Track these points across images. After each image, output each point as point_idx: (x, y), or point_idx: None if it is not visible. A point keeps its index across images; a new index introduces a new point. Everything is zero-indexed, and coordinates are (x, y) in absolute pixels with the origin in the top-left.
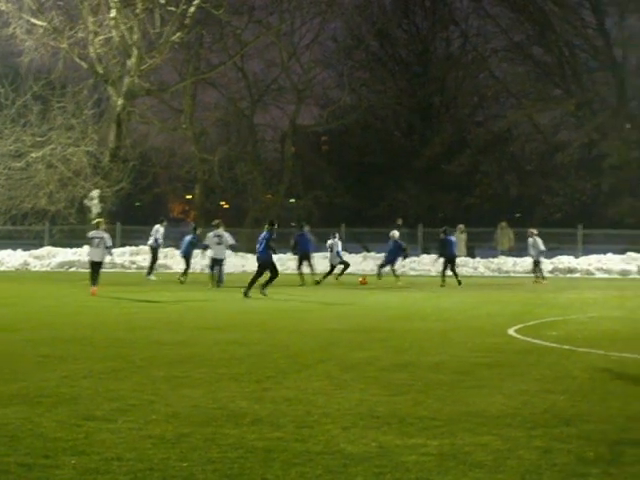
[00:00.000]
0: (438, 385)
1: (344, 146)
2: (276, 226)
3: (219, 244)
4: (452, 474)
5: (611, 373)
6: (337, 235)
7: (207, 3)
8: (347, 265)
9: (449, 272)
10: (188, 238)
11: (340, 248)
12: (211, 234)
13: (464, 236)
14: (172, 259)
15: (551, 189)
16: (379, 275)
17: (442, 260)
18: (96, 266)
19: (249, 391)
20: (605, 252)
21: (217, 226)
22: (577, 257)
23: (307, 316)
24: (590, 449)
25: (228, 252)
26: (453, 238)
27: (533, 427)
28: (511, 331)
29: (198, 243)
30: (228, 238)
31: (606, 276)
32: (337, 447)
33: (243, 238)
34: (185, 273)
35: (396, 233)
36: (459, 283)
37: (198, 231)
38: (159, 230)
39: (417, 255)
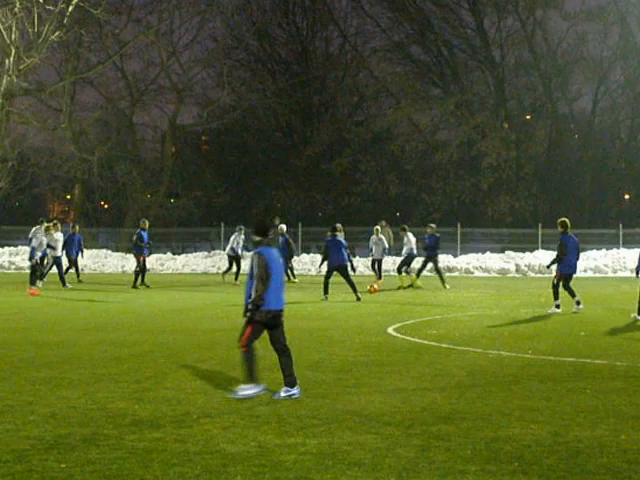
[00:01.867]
0: (317, 384)
1: (224, 146)
2: (340, 232)
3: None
4: (331, 472)
5: (489, 371)
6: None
7: (86, 2)
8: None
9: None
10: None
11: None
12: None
13: (341, 235)
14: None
15: (431, 188)
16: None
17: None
18: None
19: (129, 391)
20: (484, 251)
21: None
22: (456, 256)
23: (189, 316)
24: (468, 446)
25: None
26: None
27: (411, 425)
28: (390, 330)
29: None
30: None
31: (485, 275)
32: (216, 447)
33: (124, 238)
34: (235, 273)
35: (284, 227)
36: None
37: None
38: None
39: (297, 254)
